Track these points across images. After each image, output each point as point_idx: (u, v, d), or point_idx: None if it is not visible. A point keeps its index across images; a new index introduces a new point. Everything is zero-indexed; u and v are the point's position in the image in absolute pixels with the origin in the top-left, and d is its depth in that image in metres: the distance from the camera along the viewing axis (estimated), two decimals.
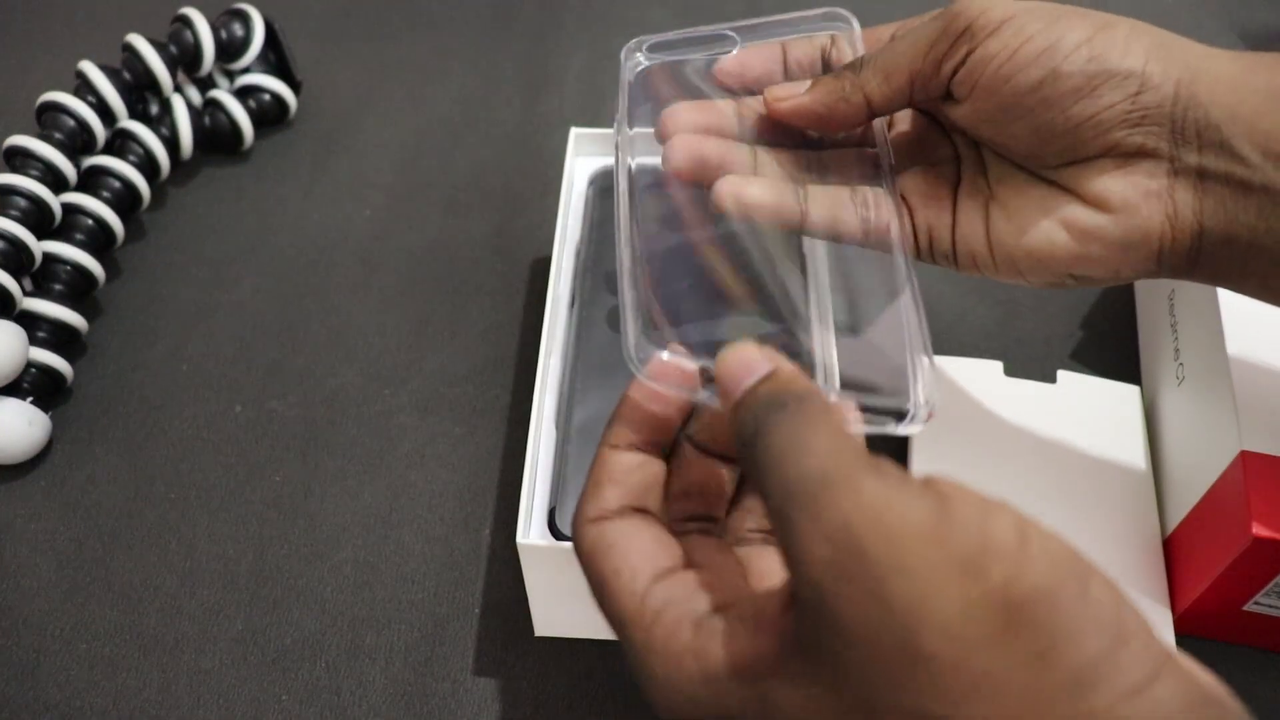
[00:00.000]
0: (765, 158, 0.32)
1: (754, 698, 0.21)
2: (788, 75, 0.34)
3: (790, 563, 0.20)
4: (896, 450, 0.41)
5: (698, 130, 0.32)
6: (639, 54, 0.35)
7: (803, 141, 0.34)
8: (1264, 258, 0.27)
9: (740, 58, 0.33)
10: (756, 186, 0.31)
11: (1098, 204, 0.29)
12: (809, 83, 0.32)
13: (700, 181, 0.32)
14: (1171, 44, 0.28)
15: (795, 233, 0.32)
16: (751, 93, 0.33)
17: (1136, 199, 0.28)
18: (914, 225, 0.32)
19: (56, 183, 0.46)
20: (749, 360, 0.22)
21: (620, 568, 0.23)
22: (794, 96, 0.31)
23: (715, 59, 0.34)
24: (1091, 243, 0.29)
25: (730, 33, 0.34)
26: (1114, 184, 0.28)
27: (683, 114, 0.32)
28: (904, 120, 0.34)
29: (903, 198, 0.32)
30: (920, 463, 0.40)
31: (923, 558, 0.18)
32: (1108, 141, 0.28)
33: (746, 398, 0.22)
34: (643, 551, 0.23)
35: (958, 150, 0.33)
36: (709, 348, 0.24)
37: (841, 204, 0.32)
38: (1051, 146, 0.29)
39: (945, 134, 0.33)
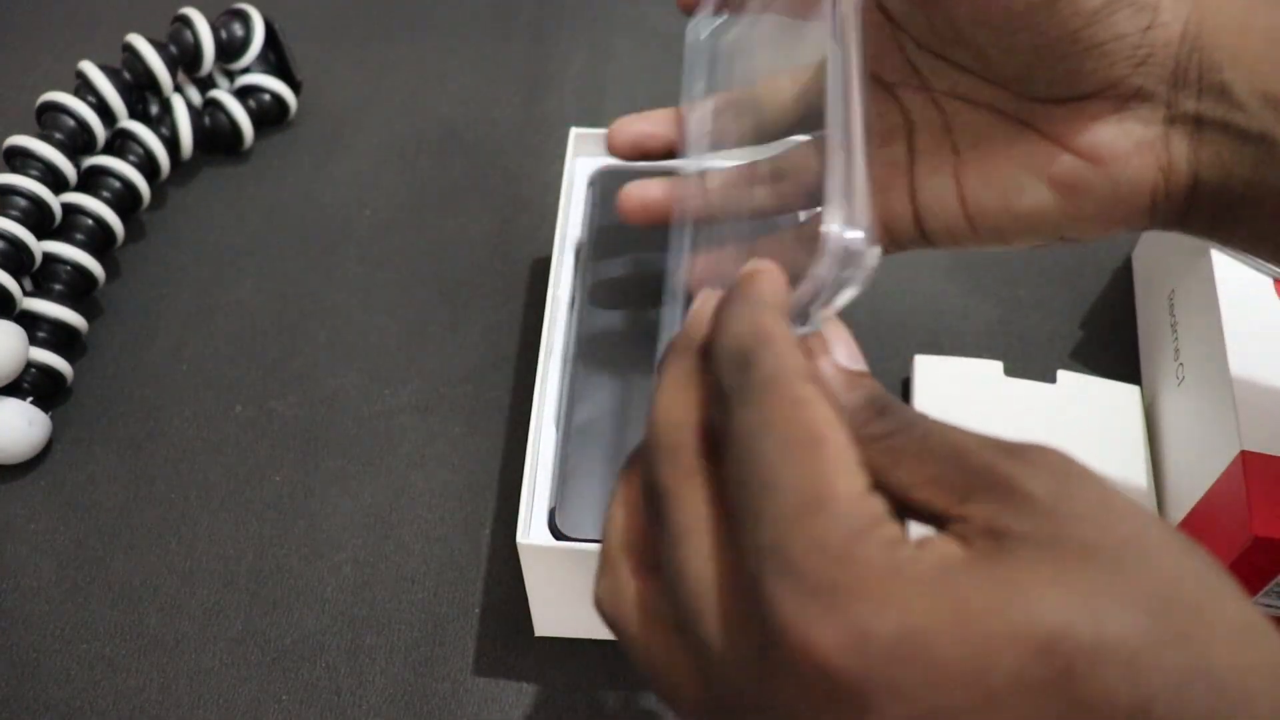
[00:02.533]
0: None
1: None
2: None
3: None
4: None
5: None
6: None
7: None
8: (1258, 209, 0.26)
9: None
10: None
11: (1086, 153, 0.27)
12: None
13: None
14: None
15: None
16: None
17: (1128, 148, 0.26)
18: None
19: (56, 183, 0.46)
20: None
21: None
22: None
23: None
24: (1080, 197, 0.27)
25: None
26: (1105, 131, 0.26)
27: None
28: None
29: None
30: None
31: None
32: (1109, 77, 0.26)
33: (715, 333, 0.20)
34: None
35: (909, 116, 0.30)
36: None
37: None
38: (1048, 73, 0.26)
39: (893, 97, 0.30)
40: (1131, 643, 0.16)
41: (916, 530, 0.19)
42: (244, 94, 0.53)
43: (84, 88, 0.48)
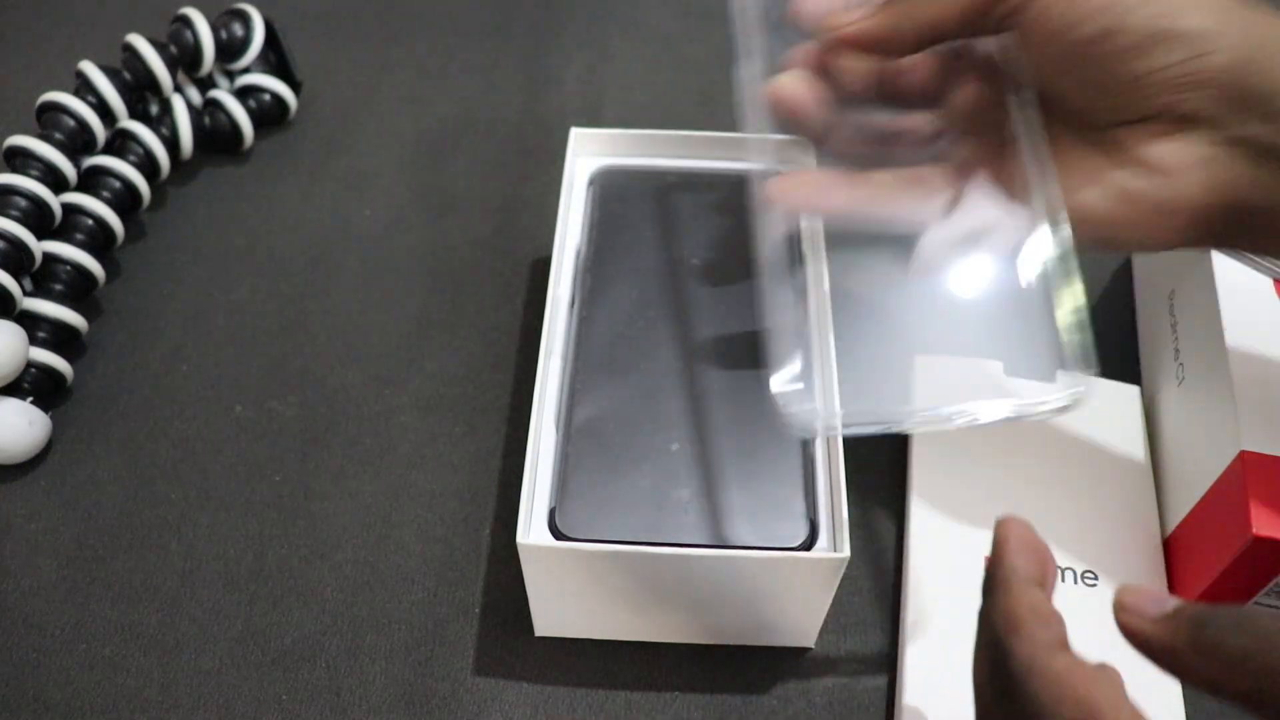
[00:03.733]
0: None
1: None
2: None
3: None
4: (896, 449, 0.41)
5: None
6: None
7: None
8: None
9: None
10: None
11: (1143, 166, 0.28)
12: (870, 6, 0.32)
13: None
14: (1237, 9, 0.27)
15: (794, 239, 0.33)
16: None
17: (1182, 164, 0.28)
18: None
19: (57, 183, 0.46)
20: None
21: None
22: (856, 21, 0.31)
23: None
24: (1130, 205, 0.28)
25: None
26: (1161, 148, 0.28)
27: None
28: (974, 79, 0.33)
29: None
30: (920, 462, 0.40)
31: None
32: (1161, 103, 0.27)
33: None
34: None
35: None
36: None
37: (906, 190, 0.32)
38: (1104, 103, 0.29)
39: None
40: None
41: None
42: (244, 94, 0.53)
43: (84, 88, 0.48)
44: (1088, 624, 0.26)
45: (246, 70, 0.54)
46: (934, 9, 0.30)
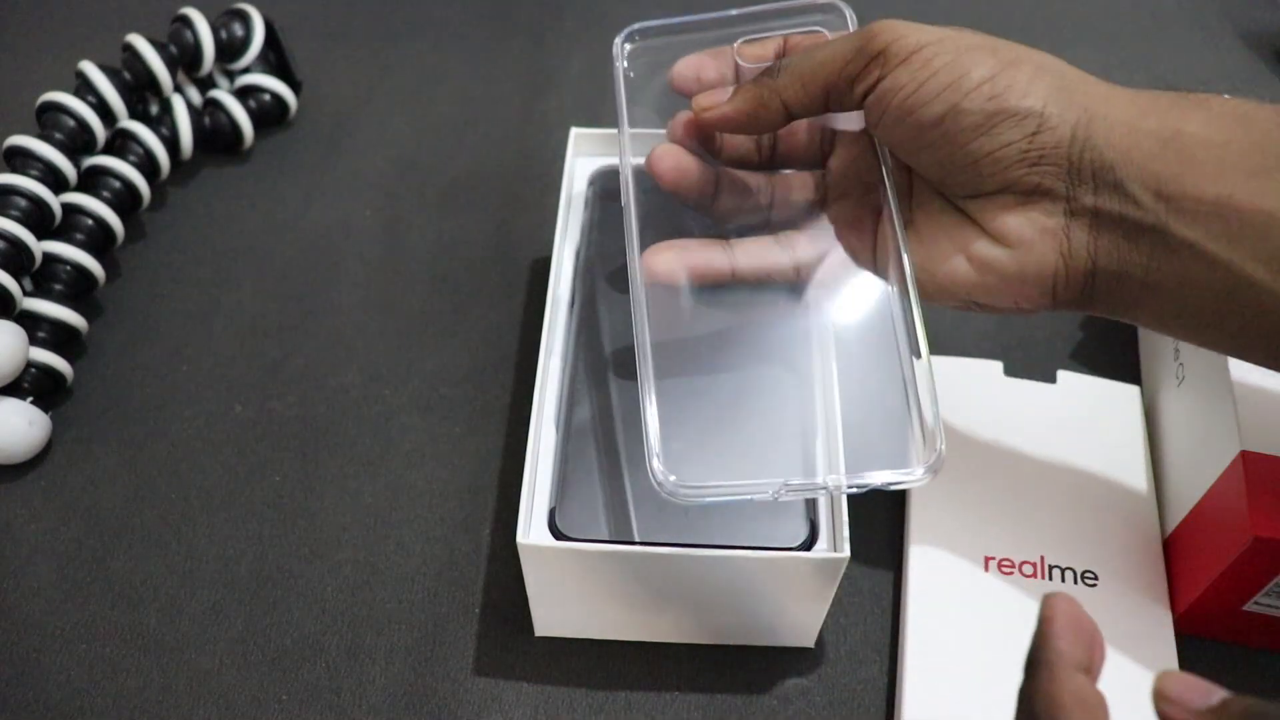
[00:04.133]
0: (727, 179, 0.34)
1: None
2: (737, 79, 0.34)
3: None
4: None
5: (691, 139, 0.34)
6: (629, 45, 0.36)
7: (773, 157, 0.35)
8: (1154, 294, 0.28)
9: (693, 61, 0.34)
10: (671, 254, 0.33)
11: (998, 237, 0.29)
12: (730, 90, 0.32)
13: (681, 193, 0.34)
14: (1074, 84, 0.28)
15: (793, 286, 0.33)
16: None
17: (1033, 236, 0.29)
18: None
19: (57, 183, 0.46)
20: (1197, 684, 0.23)
21: None
22: (717, 105, 0.32)
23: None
24: (989, 274, 0.30)
25: (722, 16, 0.35)
26: (1012, 220, 0.29)
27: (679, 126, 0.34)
28: (851, 144, 0.34)
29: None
30: None
31: None
32: (1006, 179, 0.29)
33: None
34: None
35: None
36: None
37: (766, 251, 0.33)
38: (955, 178, 0.30)
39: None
40: None
41: None
42: (244, 94, 0.53)
43: (84, 88, 0.48)
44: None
45: (246, 70, 0.54)
46: (790, 92, 0.31)
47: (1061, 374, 0.42)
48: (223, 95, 0.52)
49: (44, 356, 0.42)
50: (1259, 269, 0.25)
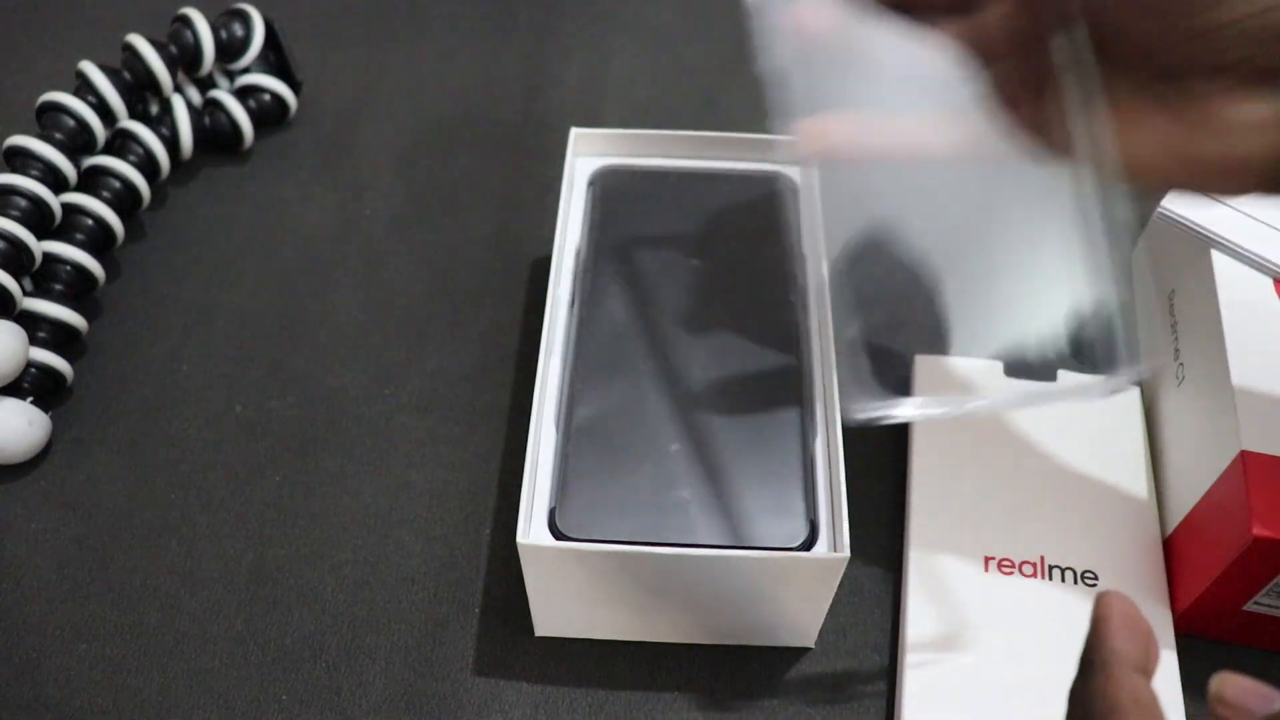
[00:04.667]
0: None
1: None
2: None
3: None
4: (897, 449, 0.41)
5: None
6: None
7: None
8: None
9: None
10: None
11: (1207, 126, 0.27)
12: None
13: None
14: None
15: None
16: None
17: (1250, 125, 0.26)
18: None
19: (57, 183, 0.46)
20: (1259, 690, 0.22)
21: None
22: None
23: None
24: (1188, 167, 0.27)
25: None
26: (1232, 107, 0.26)
27: None
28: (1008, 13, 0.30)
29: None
30: (920, 462, 0.40)
31: None
32: (1235, 56, 0.26)
33: None
34: None
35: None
36: None
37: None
38: (1175, 48, 0.26)
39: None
40: None
41: None
42: (244, 94, 0.53)
43: (84, 87, 0.48)
44: (1087, 624, 0.26)
45: (246, 70, 0.54)
46: None
47: (1062, 374, 0.42)
48: (223, 95, 0.52)
49: (44, 356, 0.42)
50: None
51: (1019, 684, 0.34)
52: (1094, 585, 0.36)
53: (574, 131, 0.43)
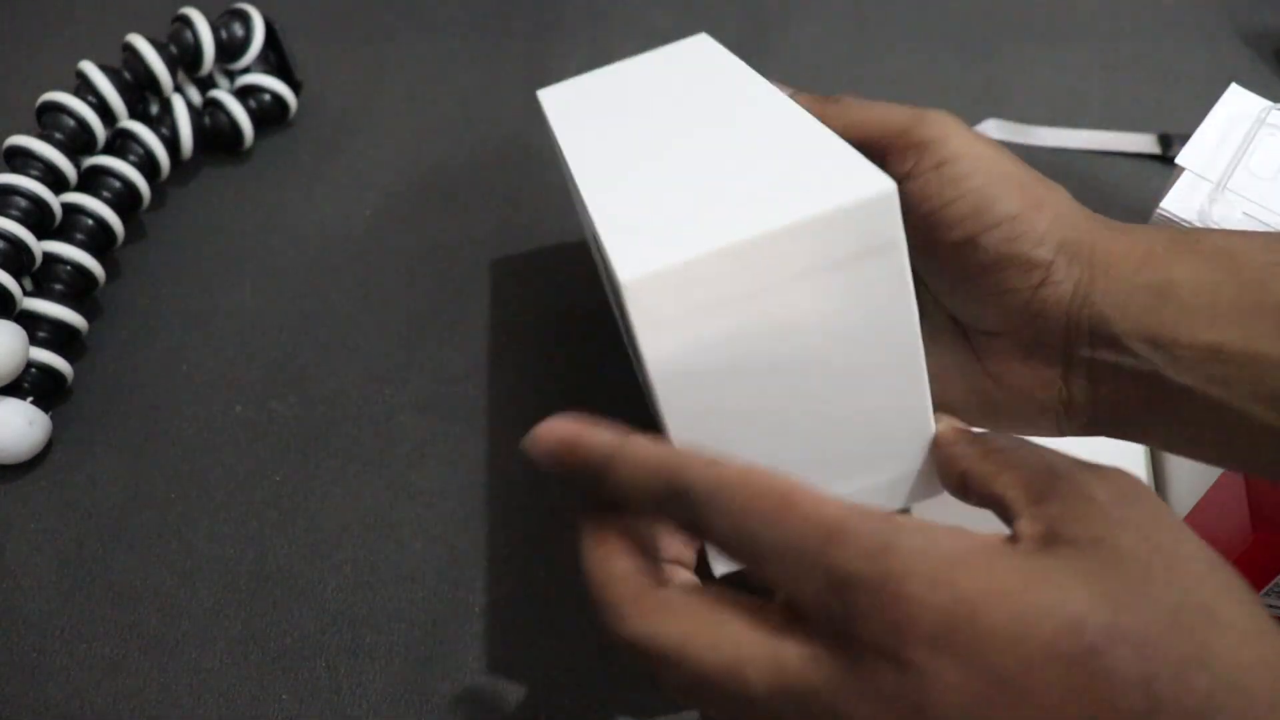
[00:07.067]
0: None
1: None
2: None
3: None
4: None
5: None
6: None
7: None
8: (1156, 428, 0.28)
9: None
10: None
11: (997, 379, 0.29)
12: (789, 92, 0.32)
13: None
14: (1084, 235, 0.28)
15: None
16: None
17: (1032, 385, 0.29)
18: None
19: (57, 182, 0.46)
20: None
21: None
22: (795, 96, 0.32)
23: None
24: (989, 412, 0.30)
25: None
26: (1014, 368, 0.29)
27: None
28: None
29: None
30: None
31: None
32: (1009, 324, 0.29)
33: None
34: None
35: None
36: None
37: None
38: (963, 308, 0.29)
39: None
40: (1142, 631, 0.19)
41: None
42: (244, 94, 0.53)
43: (84, 87, 0.48)
44: None
45: (247, 70, 0.54)
46: (838, 122, 0.30)
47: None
48: (223, 95, 0.52)
49: (44, 356, 0.42)
50: (1257, 408, 0.26)
51: None
52: None
53: None
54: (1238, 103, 0.42)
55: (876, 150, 0.30)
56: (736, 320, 0.24)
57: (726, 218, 0.24)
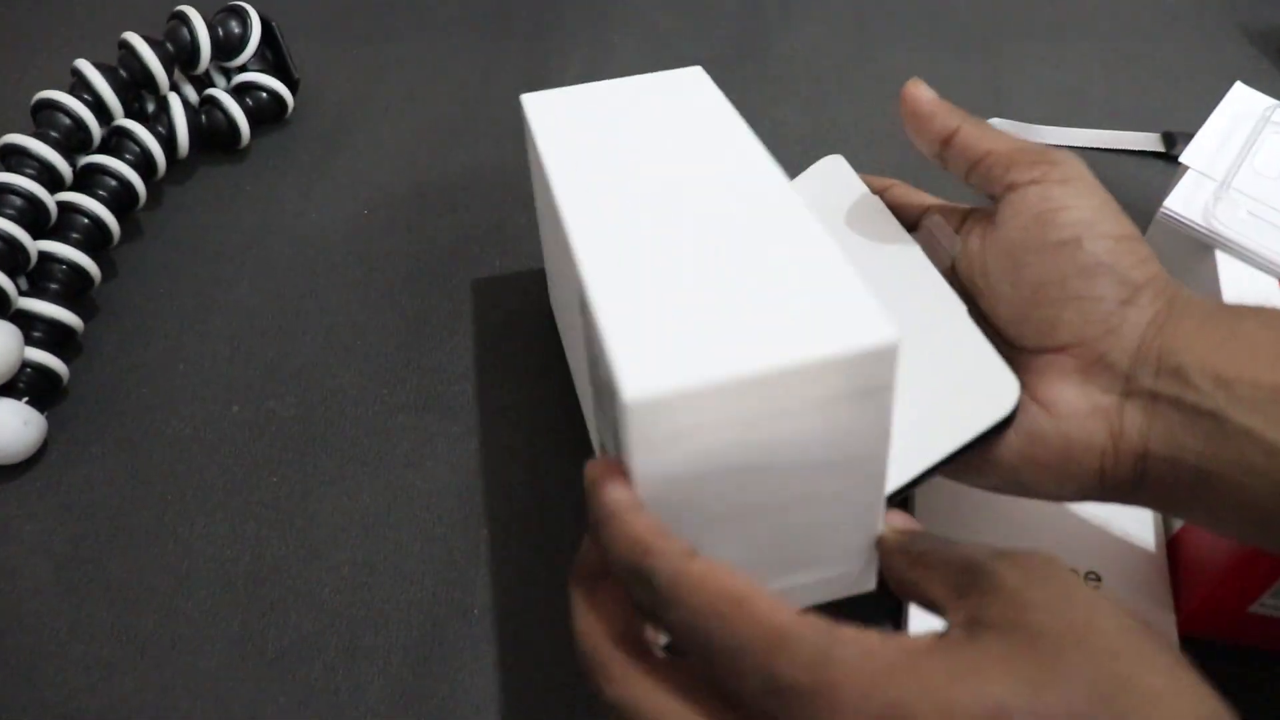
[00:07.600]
0: None
1: None
2: None
3: None
4: None
5: None
6: None
7: None
8: (1208, 484, 0.28)
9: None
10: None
11: (1046, 405, 0.30)
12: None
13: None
14: (1169, 282, 0.30)
15: None
16: None
17: (1085, 409, 0.29)
18: None
19: (52, 181, 0.45)
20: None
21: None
22: (929, 96, 0.34)
23: None
24: (1038, 446, 0.30)
25: None
26: (1067, 389, 0.29)
27: None
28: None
29: None
30: None
31: None
32: (1080, 334, 0.29)
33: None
34: None
35: None
36: None
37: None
38: (1030, 318, 0.30)
39: None
40: (1063, 708, 0.20)
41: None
42: (241, 92, 0.53)
43: (80, 86, 0.48)
44: None
45: (244, 68, 0.53)
46: (963, 127, 0.33)
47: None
48: (220, 93, 0.52)
49: (39, 356, 0.42)
50: None
51: None
52: (1097, 586, 0.36)
53: None
54: (1242, 101, 0.41)
55: (1004, 162, 0.31)
56: (725, 440, 0.25)
57: (734, 344, 0.25)
